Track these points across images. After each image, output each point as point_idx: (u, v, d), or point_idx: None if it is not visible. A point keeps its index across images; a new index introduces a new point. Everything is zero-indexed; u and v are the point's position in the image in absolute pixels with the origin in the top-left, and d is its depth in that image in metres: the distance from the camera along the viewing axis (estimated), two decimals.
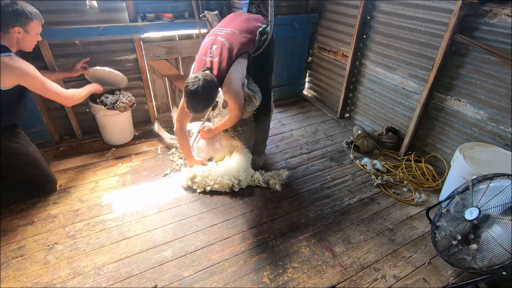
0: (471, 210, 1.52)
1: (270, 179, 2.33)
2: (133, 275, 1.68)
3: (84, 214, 2.04)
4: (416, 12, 2.39)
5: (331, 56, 3.38)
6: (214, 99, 1.95)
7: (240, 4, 2.85)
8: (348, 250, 1.88)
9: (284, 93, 3.74)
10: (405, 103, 2.69)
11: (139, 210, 2.10)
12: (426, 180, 2.42)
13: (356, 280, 1.71)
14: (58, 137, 2.76)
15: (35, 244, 1.82)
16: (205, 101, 1.89)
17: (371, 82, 2.97)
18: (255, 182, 2.31)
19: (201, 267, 1.74)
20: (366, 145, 2.78)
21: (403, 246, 1.92)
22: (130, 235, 1.91)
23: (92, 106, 2.55)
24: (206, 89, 1.80)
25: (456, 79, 2.27)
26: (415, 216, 2.14)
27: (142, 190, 2.27)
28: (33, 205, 2.09)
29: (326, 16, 3.31)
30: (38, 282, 1.62)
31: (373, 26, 2.80)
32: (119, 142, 2.78)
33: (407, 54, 2.55)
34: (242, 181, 2.25)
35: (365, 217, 2.12)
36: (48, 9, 2.29)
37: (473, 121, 2.23)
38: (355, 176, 2.52)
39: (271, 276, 1.70)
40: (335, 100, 3.47)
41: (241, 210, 2.14)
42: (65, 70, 2.43)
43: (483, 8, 1.99)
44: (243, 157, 2.31)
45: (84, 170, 2.45)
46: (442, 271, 1.77)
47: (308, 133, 3.12)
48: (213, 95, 1.90)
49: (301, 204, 2.21)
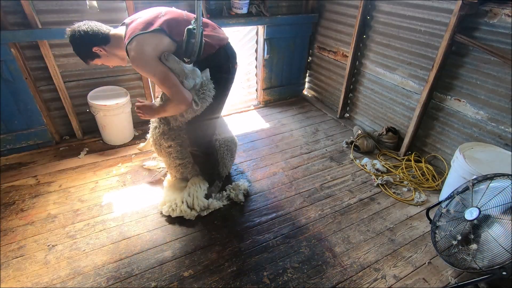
0: (471, 210, 1.52)
1: (230, 193, 2.22)
2: (133, 275, 1.68)
3: (84, 214, 2.04)
4: (416, 12, 2.39)
5: (331, 56, 3.38)
6: (83, 51, 1.69)
7: (240, 4, 2.85)
8: (348, 250, 1.88)
9: (284, 93, 3.74)
10: (405, 103, 2.69)
11: (139, 210, 2.10)
12: (426, 180, 2.42)
13: (356, 280, 1.71)
14: (58, 137, 2.76)
15: (35, 244, 1.82)
16: (74, 50, 1.70)
17: (371, 82, 2.97)
18: (211, 208, 2.10)
19: (201, 267, 1.74)
20: (366, 145, 2.78)
21: (403, 246, 1.92)
22: (130, 235, 1.91)
23: (92, 106, 2.56)
24: (74, 38, 1.64)
25: (456, 79, 2.27)
26: (415, 216, 2.14)
27: (142, 190, 2.27)
28: (33, 205, 2.09)
29: (326, 16, 3.30)
30: (38, 282, 1.62)
31: (373, 26, 2.80)
32: (119, 142, 2.78)
33: (407, 54, 2.55)
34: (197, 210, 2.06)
35: (365, 217, 2.12)
36: (48, 9, 2.30)
37: (473, 121, 2.23)
38: (355, 176, 2.52)
39: (271, 276, 1.70)
40: (335, 100, 3.47)
41: (240, 211, 2.14)
42: None
43: (483, 8, 1.99)
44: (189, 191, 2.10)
45: (84, 170, 2.45)
46: (442, 271, 1.77)
47: (308, 133, 3.12)
48: (77, 47, 1.68)
49: (301, 204, 2.21)
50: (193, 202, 2.02)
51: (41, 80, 2.50)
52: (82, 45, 1.66)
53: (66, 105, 2.61)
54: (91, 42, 1.65)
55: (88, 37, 1.63)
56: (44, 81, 2.51)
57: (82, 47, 1.67)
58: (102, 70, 2.66)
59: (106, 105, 2.51)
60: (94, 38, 1.64)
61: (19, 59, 2.29)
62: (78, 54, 1.72)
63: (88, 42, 1.64)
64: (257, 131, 3.12)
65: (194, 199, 2.02)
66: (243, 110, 3.53)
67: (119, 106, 2.56)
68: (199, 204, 2.03)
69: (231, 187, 2.27)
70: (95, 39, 1.65)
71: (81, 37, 1.62)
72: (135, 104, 1.88)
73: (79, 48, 1.68)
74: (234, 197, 2.19)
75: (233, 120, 3.30)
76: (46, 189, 2.24)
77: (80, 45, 1.66)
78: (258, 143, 2.92)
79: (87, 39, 1.63)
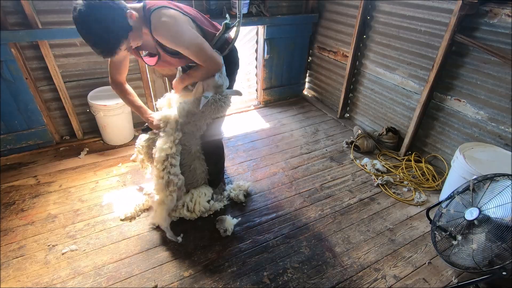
0: (471, 210, 1.52)
1: (230, 192, 2.22)
2: (133, 275, 1.68)
3: (84, 214, 2.04)
4: (416, 12, 2.39)
5: (331, 56, 3.38)
6: (114, 25, 1.26)
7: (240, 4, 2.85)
8: (348, 250, 1.88)
9: (284, 93, 3.74)
10: (405, 103, 2.69)
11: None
12: (426, 180, 2.42)
13: (356, 280, 1.71)
14: (58, 137, 2.76)
15: (35, 244, 1.82)
16: (98, 28, 1.22)
17: (371, 82, 2.97)
18: (212, 210, 2.08)
19: (201, 267, 1.74)
20: (366, 145, 2.78)
21: (403, 246, 1.92)
22: (130, 235, 1.91)
23: (92, 106, 2.56)
24: (91, 7, 1.19)
25: (456, 79, 2.27)
26: (415, 216, 2.14)
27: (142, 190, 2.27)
28: (33, 205, 2.09)
29: (326, 16, 3.30)
30: (38, 282, 1.62)
31: (373, 26, 2.80)
32: (119, 142, 2.78)
33: (407, 54, 2.55)
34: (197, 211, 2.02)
35: (365, 217, 2.12)
36: (48, 9, 2.30)
37: (473, 121, 2.23)
38: (355, 176, 2.52)
39: (271, 276, 1.70)
40: (335, 100, 3.47)
41: (240, 211, 2.14)
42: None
43: (483, 8, 1.99)
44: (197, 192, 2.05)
45: (84, 170, 2.45)
46: (442, 271, 1.77)
47: (308, 133, 3.12)
48: (106, 17, 1.23)
49: (301, 204, 2.21)
50: (194, 207, 2.00)
51: (41, 80, 2.50)
52: (108, 15, 1.25)
53: (66, 105, 2.61)
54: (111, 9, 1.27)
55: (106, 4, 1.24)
56: (44, 81, 2.51)
57: (109, 18, 1.25)
58: (102, 70, 2.66)
59: (106, 105, 2.51)
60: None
61: (19, 59, 2.29)
62: (108, 34, 1.26)
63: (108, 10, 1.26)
64: (257, 131, 3.12)
65: (196, 205, 2.00)
66: (243, 110, 3.53)
67: (119, 106, 2.56)
68: (200, 209, 2.01)
69: (232, 187, 2.27)
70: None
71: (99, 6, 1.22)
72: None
73: (107, 22, 1.25)
74: (235, 197, 2.19)
75: (233, 120, 3.30)
76: (46, 189, 2.24)
77: (106, 16, 1.25)
78: (258, 143, 2.92)
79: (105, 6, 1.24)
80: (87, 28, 1.22)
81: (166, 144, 1.71)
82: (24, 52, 2.35)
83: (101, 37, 1.24)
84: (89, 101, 2.55)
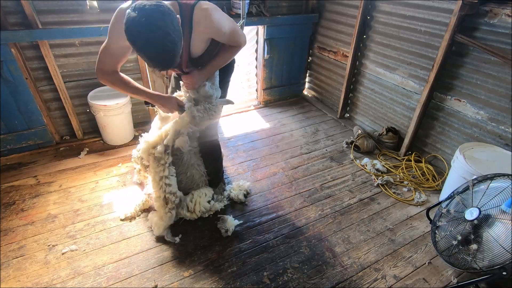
0: (471, 210, 1.52)
1: (230, 192, 2.22)
2: (133, 275, 1.68)
3: (84, 214, 2.04)
4: (416, 12, 2.39)
5: (331, 56, 3.38)
6: (177, 36, 1.20)
7: (240, 4, 2.85)
8: (348, 250, 1.87)
9: (284, 93, 3.74)
10: (405, 103, 2.69)
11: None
12: (426, 180, 2.42)
13: (356, 280, 1.71)
14: (58, 137, 2.76)
15: (35, 244, 1.82)
16: (167, 31, 1.15)
17: (371, 82, 2.97)
18: (212, 211, 2.08)
19: (201, 267, 1.74)
20: (366, 145, 2.78)
21: (403, 246, 1.92)
22: (130, 235, 1.91)
23: (92, 106, 2.56)
24: (162, 12, 1.14)
25: (456, 79, 2.27)
26: (415, 216, 2.14)
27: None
28: (33, 205, 2.09)
29: (326, 16, 3.30)
30: (38, 282, 1.62)
31: (373, 26, 2.80)
32: (119, 142, 2.78)
33: (407, 54, 2.55)
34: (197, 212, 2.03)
35: (365, 217, 2.12)
36: (48, 9, 2.30)
37: (473, 121, 2.23)
38: (355, 176, 2.52)
39: (271, 276, 1.70)
40: (335, 100, 3.47)
41: (240, 211, 2.14)
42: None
43: (483, 8, 1.99)
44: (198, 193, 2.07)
45: (84, 170, 2.45)
46: (442, 271, 1.77)
47: (308, 133, 3.12)
48: (173, 23, 1.18)
49: (301, 204, 2.21)
50: (195, 207, 2.01)
51: (41, 80, 2.50)
52: (174, 22, 1.21)
53: (66, 105, 2.61)
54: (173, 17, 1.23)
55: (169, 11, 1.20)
56: (44, 81, 2.51)
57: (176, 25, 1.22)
58: None
59: (106, 105, 2.51)
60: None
61: (19, 59, 2.29)
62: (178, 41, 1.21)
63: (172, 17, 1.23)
64: (257, 131, 3.12)
65: (196, 205, 2.00)
66: (243, 110, 3.53)
67: (119, 106, 2.56)
68: (200, 210, 2.01)
69: (232, 187, 2.27)
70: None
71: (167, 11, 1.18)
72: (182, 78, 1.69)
73: (174, 27, 1.20)
74: (235, 197, 2.19)
75: (233, 120, 3.30)
76: (46, 189, 2.24)
77: (173, 22, 1.20)
78: (258, 143, 2.92)
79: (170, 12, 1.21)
80: (156, 45, 1.14)
81: (158, 168, 1.78)
82: (24, 52, 2.35)
83: (169, 50, 1.18)
84: (89, 101, 2.55)
